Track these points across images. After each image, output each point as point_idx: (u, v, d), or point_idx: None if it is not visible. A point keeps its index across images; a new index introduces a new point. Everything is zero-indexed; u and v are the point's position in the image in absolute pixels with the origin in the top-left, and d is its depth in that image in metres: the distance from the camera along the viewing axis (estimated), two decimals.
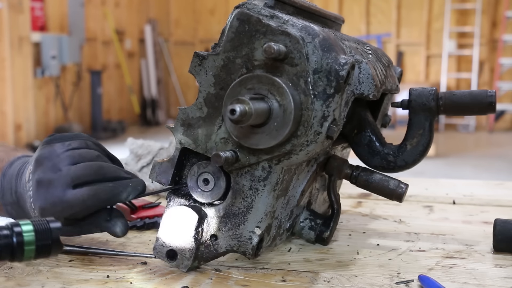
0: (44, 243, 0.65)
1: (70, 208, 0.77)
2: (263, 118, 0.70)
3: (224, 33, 0.74)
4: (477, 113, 0.88)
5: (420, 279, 0.76)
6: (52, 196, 0.77)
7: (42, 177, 0.79)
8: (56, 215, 0.76)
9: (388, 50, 9.66)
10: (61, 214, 0.77)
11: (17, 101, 7.17)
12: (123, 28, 9.89)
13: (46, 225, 0.66)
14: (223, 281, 0.77)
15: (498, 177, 5.79)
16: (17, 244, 0.64)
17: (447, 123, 9.69)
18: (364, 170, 0.89)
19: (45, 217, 0.75)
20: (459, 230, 1.01)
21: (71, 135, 0.85)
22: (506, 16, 9.14)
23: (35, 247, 0.65)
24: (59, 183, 0.78)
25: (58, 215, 0.77)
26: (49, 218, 0.67)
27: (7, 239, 0.63)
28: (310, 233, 0.90)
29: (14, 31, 7.03)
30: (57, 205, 0.77)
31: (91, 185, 0.77)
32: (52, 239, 0.66)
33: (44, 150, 0.82)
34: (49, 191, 0.78)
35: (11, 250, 0.63)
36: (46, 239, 0.65)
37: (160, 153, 1.26)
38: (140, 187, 0.80)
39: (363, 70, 0.81)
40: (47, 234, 0.66)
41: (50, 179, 0.78)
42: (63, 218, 0.78)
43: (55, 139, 0.84)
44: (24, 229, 0.64)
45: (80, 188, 0.77)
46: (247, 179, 0.75)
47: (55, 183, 0.78)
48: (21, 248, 0.64)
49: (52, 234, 0.66)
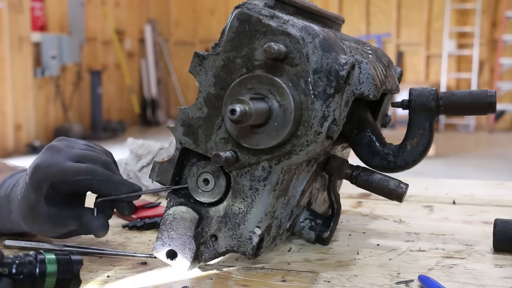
0: (65, 277, 0.64)
1: (61, 173, 0.77)
2: (263, 118, 0.70)
3: (224, 33, 0.74)
4: (477, 113, 0.88)
5: (420, 279, 0.76)
6: (52, 160, 0.78)
7: (54, 145, 0.82)
8: (45, 176, 0.76)
9: (388, 50, 9.66)
10: (51, 177, 0.77)
11: (17, 101, 7.17)
12: (123, 28, 9.89)
13: (69, 259, 0.65)
14: (223, 281, 0.77)
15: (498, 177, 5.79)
16: (39, 274, 0.62)
17: (447, 123, 9.69)
18: (364, 170, 0.89)
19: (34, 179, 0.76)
20: (459, 230, 1.01)
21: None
22: (506, 16, 9.14)
23: (56, 279, 0.64)
24: (65, 154, 0.79)
25: (47, 177, 0.77)
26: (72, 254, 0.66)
27: (31, 266, 0.62)
28: (310, 233, 0.90)
29: (14, 31, 7.03)
30: (51, 167, 0.77)
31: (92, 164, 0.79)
32: (73, 274, 0.65)
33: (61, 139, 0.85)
34: (53, 156, 0.79)
35: (33, 279, 0.62)
36: (67, 273, 0.64)
37: (160, 153, 1.26)
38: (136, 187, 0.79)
39: (363, 70, 0.81)
40: (69, 267, 0.64)
41: (60, 148, 0.81)
42: (49, 183, 0.77)
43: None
44: (47, 259, 0.63)
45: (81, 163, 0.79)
46: (247, 179, 0.75)
47: (62, 153, 0.80)
48: (43, 279, 0.62)
49: (73, 268, 0.65)
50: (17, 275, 0.61)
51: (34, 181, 0.78)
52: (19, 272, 0.61)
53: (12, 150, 7.05)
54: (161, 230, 0.79)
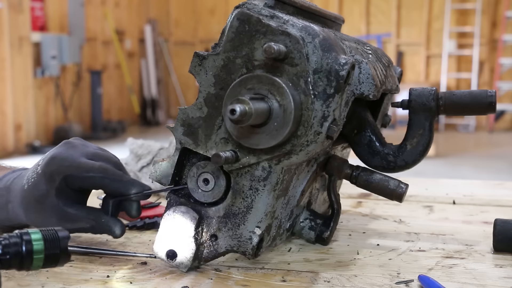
0: (53, 252, 0.64)
1: (75, 168, 0.79)
2: (263, 118, 0.70)
3: (224, 33, 0.74)
4: (477, 113, 0.88)
5: (420, 279, 0.76)
6: (68, 154, 0.80)
7: (71, 141, 0.84)
8: (59, 169, 0.78)
9: (388, 50, 9.66)
10: (65, 169, 0.79)
11: (17, 101, 7.17)
12: (123, 28, 9.89)
13: (55, 234, 0.65)
14: (223, 281, 0.77)
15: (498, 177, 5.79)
16: (26, 252, 0.63)
17: (447, 123, 9.69)
18: (364, 170, 0.89)
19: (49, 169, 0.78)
20: (459, 230, 1.01)
21: None
22: (506, 16, 9.14)
23: (44, 256, 0.64)
24: (80, 151, 0.82)
25: (61, 170, 0.79)
26: (57, 228, 0.66)
27: (17, 247, 0.62)
28: (310, 233, 0.90)
29: (14, 31, 7.03)
30: (66, 160, 0.79)
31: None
32: (61, 249, 0.65)
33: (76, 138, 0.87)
34: (69, 151, 0.81)
35: (20, 258, 0.62)
36: (54, 248, 0.65)
37: (160, 153, 1.26)
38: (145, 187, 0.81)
39: (363, 70, 0.81)
40: (56, 243, 0.65)
41: (76, 145, 0.83)
42: (62, 175, 0.78)
43: None
44: (33, 237, 0.64)
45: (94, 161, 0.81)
46: (247, 179, 0.75)
47: (77, 149, 0.82)
48: (30, 257, 0.63)
49: (61, 243, 0.65)
50: (3, 255, 0.61)
51: (48, 172, 0.79)
52: (4, 253, 0.61)
53: (12, 150, 7.05)
54: (161, 230, 0.79)
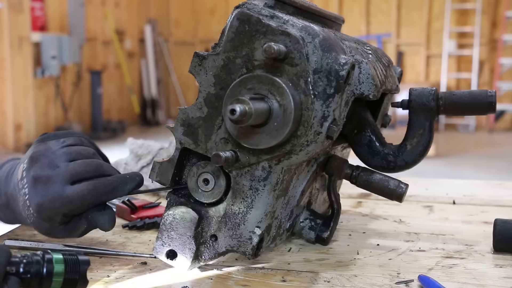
0: (72, 277, 0.64)
1: (70, 204, 0.75)
2: (263, 118, 0.70)
3: (224, 33, 0.74)
4: (477, 113, 0.88)
5: (420, 279, 0.76)
6: (51, 193, 0.76)
7: (39, 174, 0.77)
8: (54, 212, 0.76)
9: (388, 50, 9.66)
10: (60, 210, 0.76)
11: (17, 101, 7.17)
12: (123, 28, 9.89)
13: (76, 259, 0.65)
14: (223, 281, 0.77)
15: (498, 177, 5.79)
16: (46, 273, 0.62)
17: (447, 123, 9.69)
18: (364, 170, 0.89)
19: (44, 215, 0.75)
20: (459, 230, 1.01)
21: (64, 133, 0.83)
22: (506, 16, 9.14)
23: (63, 279, 0.63)
24: (58, 179, 0.76)
25: (56, 211, 0.76)
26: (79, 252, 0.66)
27: (38, 266, 0.62)
28: (310, 233, 0.90)
29: (14, 31, 7.03)
30: (56, 201, 0.75)
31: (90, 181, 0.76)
32: (80, 274, 0.65)
33: (39, 147, 0.80)
34: (48, 188, 0.76)
35: (40, 279, 0.62)
36: (74, 273, 0.64)
37: (160, 153, 1.26)
38: (138, 178, 0.78)
39: (363, 70, 0.81)
40: (76, 268, 0.64)
41: (48, 175, 0.77)
42: (61, 215, 0.77)
43: (48, 137, 0.82)
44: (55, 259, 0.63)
45: (79, 184, 0.76)
46: (247, 179, 0.75)
47: (54, 179, 0.76)
48: (50, 279, 0.62)
49: (80, 268, 0.65)
50: (24, 274, 0.61)
51: (45, 217, 0.77)
52: (26, 271, 0.61)
53: (12, 150, 7.05)
54: (161, 230, 0.79)
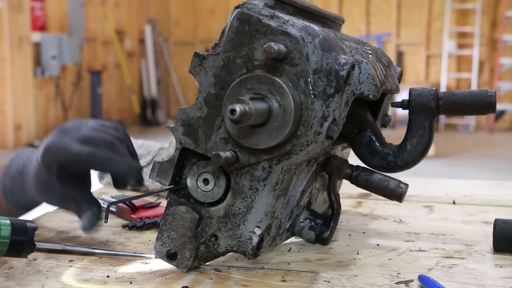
0: (19, 238, 0.68)
1: (67, 156, 0.82)
2: (263, 118, 0.70)
3: (224, 33, 0.74)
4: (477, 113, 0.88)
5: (420, 279, 0.76)
6: (61, 142, 0.83)
7: (65, 127, 0.87)
8: (54, 158, 0.82)
9: (388, 50, 9.65)
10: (58, 158, 0.82)
11: (17, 101, 7.17)
12: (123, 28, 9.89)
13: (23, 224, 0.69)
14: (223, 281, 0.77)
15: (498, 177, 5.79)
16: None
17: (447, 123, 9.69)
18: (364, 170, 0.89)
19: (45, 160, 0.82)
20: (459, 230, 1.01)
21: (105, 120, 0.92)
22: (506, 16, 9.13)
23: (10, 241, 0.67)
24: (73, 135, 0.84)
25: (55, 158, 0.82)
26: (27, 220, 0.70)
27: None
28: (310, 233, 0.90)
29: (14, 31, 7.03)
30: (59, 149, 0.82)
31: (94, 147, 0.83)
32: (27, 237, 0.68)
33: (73, 120, 0.90)
34: (62, 138, 0.84)
35: None
36: (21, 236, 0.68)
37: (160, 153, 1.26)
38: (133, 167, 0.83)
39: (363, 70, 0.81)
40: (23, 232, 0.68)
41: (69, 130, 0.86)
42: (57, 163, 0.82)
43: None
44: (1, 222, 0.67)
45: (85, 145, 0.83)
46: (247, 179, 0.75)
47: (69, 135, 0.85)
48: None
49: (27, 232, 0.69)
50: None
51: (45, 162, 0.83)
52: None
53: (12, 150, 7.05)
54: (161, 230, 0.79)
